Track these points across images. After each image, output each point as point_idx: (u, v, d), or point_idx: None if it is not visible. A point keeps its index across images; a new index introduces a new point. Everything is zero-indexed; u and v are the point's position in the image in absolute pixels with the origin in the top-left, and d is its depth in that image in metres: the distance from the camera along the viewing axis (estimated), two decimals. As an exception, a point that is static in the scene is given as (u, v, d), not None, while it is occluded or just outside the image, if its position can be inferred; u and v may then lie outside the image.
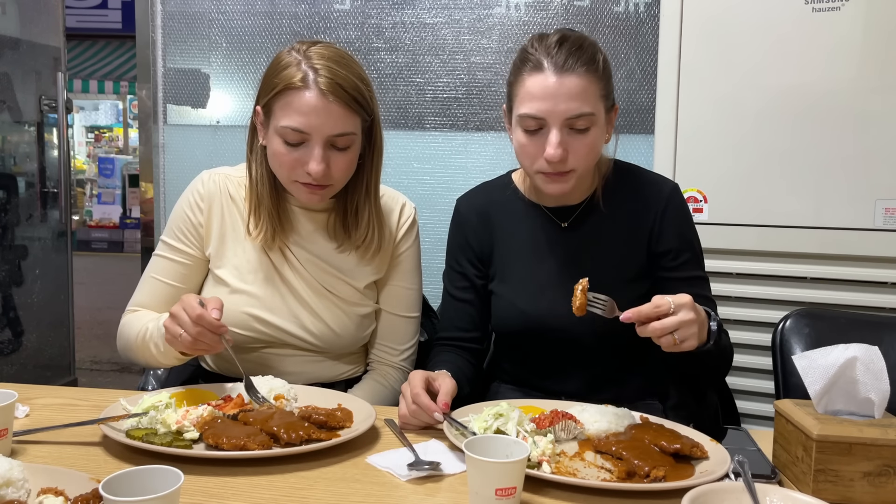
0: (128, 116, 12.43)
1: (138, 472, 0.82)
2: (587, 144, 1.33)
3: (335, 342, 1.48)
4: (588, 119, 1.31)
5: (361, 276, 1.50)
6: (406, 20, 2.50)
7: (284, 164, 1.36)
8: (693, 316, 1.14)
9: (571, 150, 1.32)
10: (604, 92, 1.34)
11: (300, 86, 1.31)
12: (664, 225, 1.44)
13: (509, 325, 1.49)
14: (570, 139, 1.32)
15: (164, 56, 2.69)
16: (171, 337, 1.25)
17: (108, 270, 8.80)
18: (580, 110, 1.30)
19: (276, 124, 1.34)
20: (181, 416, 1.13)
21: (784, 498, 0.90)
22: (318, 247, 1.48)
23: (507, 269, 1.50)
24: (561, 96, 1.29)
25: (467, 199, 1.58)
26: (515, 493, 0.91)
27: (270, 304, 1.45)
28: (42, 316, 3.34)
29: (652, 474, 1.01)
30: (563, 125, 1.31)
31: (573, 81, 1.29)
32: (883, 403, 1.04)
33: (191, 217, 1.48)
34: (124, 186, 10.78)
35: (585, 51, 1.32)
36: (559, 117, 1.30)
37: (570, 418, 1.16)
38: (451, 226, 1.58)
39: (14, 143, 3.27)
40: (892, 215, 1.85)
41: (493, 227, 1.52)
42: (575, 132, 1.32)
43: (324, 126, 1.32)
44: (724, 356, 1.38)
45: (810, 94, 1.88)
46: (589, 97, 1.31)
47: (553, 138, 1.30)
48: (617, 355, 1.45)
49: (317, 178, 1.34)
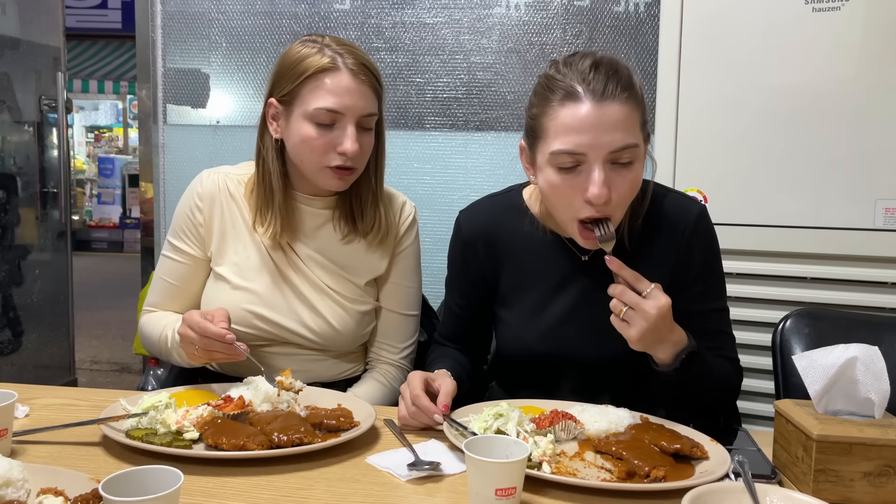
0: (128, 116, 12.43)
1: (138, 472, 0.82)
2: (631, 181, 1.19)
3: (336, 339, 1.48)
4: (632, 152, 1.18)
5: (363, 272, 1.51)
6: (406, 20, 2.50)
7: (316, 149, 1.38)
8: (653, 313, 1.11)
9: (614, 188, 1.18)
10: (643, 119, 1.22)
11: (331, 67, 1.36)
12: (687, 252, 1.32)
13: (514, 356, 1.41)
14: (613, 175, 1.18)
15: (163, 56, 2.69)
16: (189, 354, 1.34)
17: (108, 270, 8.81)
18: (625, 142, 1.16)
19: (304, 109, 1.37)
20: (181, 417, 1.13)
21: (784, 498, 0.90)
22: (322, 242, 1.49)
23: (515, 299, 1.40)
24: (603, 127, 1.15)
25: (470, 216, 1.45)
26: (515, 494, 0.91)
27: (271, 301, 1.45)
28: (42, 316, 3.34)
29: (652, 474, 1.00)
30: (606, 160, 1.17)
31: (615, 110, 1.16)
32: (883, 403, 1.04)
33: (191, 217, 1.49)
34: (124, 186, 10.79)
35: (623, 75, 1.19)
36: (602, 151, 1.16)
37: (570, 418, 1.16)
38: (452, 241, 1.47)
39: (14, 143, 3.27)
40: (892, 215, 1.85)
41: (500, 253, 1.40)
42: (618, 167, 1.18)
43: (356, 105, 1.37)
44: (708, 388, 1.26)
45: (810, 93, 1.87)
46: (631, 126, 1.18)
47: (596, 176, 1.16)
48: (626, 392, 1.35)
49: (352, 158, 1.37)
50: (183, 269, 1.50)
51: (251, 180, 1.50)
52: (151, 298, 1.54)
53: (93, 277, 8.05)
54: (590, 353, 1.34)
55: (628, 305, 1.13)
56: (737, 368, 1.38)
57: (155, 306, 1.53)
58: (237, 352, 1.28)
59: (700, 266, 1.34)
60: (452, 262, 1.48)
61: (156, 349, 1.49)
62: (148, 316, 1.52)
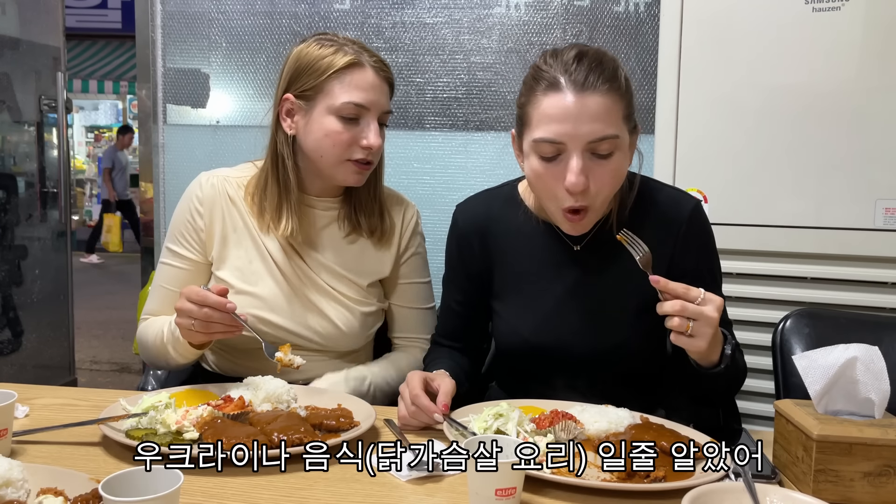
0: (128, 116, 12.43)
1: (138, 472, 0.82)
2: (610, 171, 1.22)
3: (340, 340, 1.48)
4: (612, 143, 1.20)
5: (366, 273, 1.51)
6: (406, 20, 2.50)
7: (340, 143, 1.40)
8: (716, 316, 1.09)
9: (593, 178, 1.20)
10: (626, 112, 1.23)
11: (357, 63, 1.40)
12: (683, 248, 1.34)
13: (510, 349, 1.43)
14: (592, 165, 1.20)
15: (163, 56, 2.69)
16: (186, 331, 1.30)
17: (108, 270, 8.81)
18: (603, 133, 1.18)
19: (330, 104, 1.39)
20: (181, 416, 1.13)
21: (784, 498, 0.90)
22: (326, 244, 1.49)
23: (509, 290, 1.41)
24: (582, 117, 1.18)
25: (465, 210, 1.47)
26: (515, 494, 0.91)
27: (276, 304, 1.45)
28: (42, 316, 3.35)
29: (651, 475, 1.00)
30: (585, 150, 1.19)
31: (595, 101, 1.18)
32: (883, 403, 1.04)
33: (192, 222, 1.48)
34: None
35: (606, 67, 1.21)
36: (580, 141, 1.18)
37: (570, 418, 1.16)
38: (449, 236, 1.48)
39: (14, 143, 3.27)
40: (892, 215, 1.85)
41: (493, 246, 1.41)
42: (597, 157, 1.20)
43: (379, 101, 1.42)
44: (738, 377, 1.31)
45: (810, 93, 1.87)
46: (612, 118, 1.20)
47: (574, 164, 1.18)
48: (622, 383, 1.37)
49: (374, 152, 1.42)
50: (184, 276, 1.48)
51: (251, 183, 1.49)
52: (151, 307, 1.51)
53: (93, 277, 8.05)
54: (585, 342, 1.34)
55: (692, 318, 1.10)
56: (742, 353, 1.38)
57: (153, 314, 1.50)
58: (236, 323, 1.26)
59: (696, 259, 1.35)
60: (450, 257, 1.49)
61: (152, 352, 1.45)
62: (145, 323, 1.49)
